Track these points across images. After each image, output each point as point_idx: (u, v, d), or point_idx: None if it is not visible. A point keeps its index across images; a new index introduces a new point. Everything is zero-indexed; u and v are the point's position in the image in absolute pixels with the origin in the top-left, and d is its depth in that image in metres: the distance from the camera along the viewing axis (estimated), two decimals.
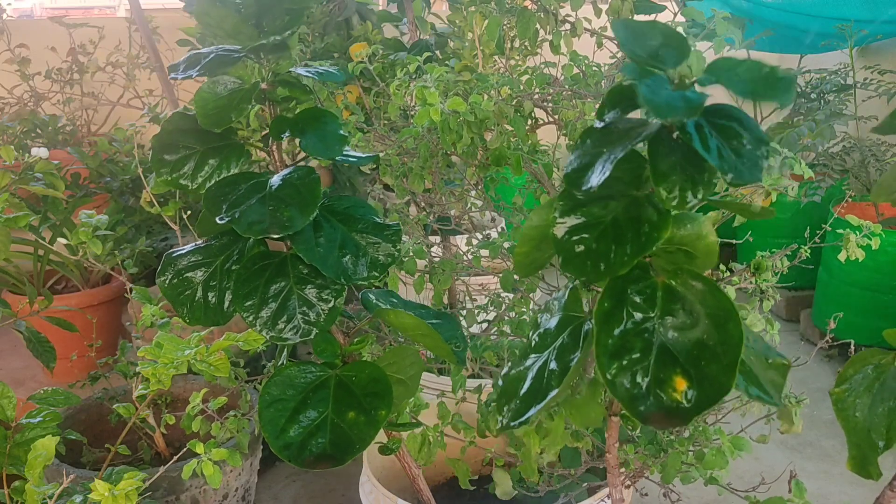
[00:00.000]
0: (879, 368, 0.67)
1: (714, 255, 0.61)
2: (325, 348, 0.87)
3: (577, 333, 0.64)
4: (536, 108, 1.54)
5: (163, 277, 0.85)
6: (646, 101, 0.50)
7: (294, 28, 0.81)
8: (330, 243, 0.82)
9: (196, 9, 0.79)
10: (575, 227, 0.58)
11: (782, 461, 1.94)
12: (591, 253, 0.56)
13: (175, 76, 0.83)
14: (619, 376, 0.54)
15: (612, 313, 0.57)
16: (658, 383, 0.54)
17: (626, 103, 0.57)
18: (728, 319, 0.55)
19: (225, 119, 0.82)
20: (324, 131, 0.84)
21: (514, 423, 0.62)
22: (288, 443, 0.79)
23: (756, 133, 0.53)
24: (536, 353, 0.66)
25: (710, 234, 0.60)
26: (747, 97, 0.51)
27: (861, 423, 0.67)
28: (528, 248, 0.67)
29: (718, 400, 0.53)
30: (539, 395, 0.62)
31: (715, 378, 0.53)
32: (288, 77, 0.86)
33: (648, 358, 0.55)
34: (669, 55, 0.55)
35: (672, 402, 0.53)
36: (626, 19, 0.60)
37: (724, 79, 0.53)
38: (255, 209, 0.79)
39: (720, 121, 0.53)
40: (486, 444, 1.30)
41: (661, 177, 0.53)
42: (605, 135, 0.56)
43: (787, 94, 0.51)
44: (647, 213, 0.56)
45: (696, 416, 0.53)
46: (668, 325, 0.56)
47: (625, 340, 0.56)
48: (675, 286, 0.57)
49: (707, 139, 0.51)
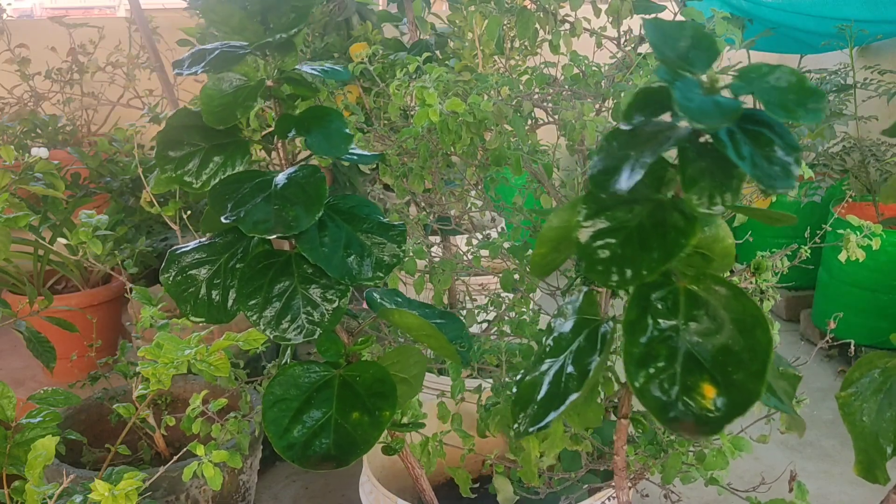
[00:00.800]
0: (886, 373, 0.67)
1: (731, 257, 0.60)
2: (329, 348, 0.87)
3: (593, 337, 0.63)
4: (536, 108, 1.54)
5: (167, 274, 0.85)
6: (680, 106, 0.49)
7: (300, 26, 0.80)
8: (335, 243, 0.82)
9: (202, 5, 0.79)
10: (599, 231, 0.56)
11: (782, 461, 1.94)
12: (616, 259, 0.55)
13: (179, 72, 0.83)
14: (648, 385, 0.53)
15: (637, 322, 0.56)
16: (686, 391, 0.53)
17: (653, 106, 0.56)
18: (756, 325, 0.54)
19: (230, 116, 0.82)
20: (329, 130, 0.84)
21: (532, 430, 0.61)
22: (291, 443, 0.79)
23: (788, 139, 0.52)
24: (552, 358, 0.64)
25: (728, 237, 0.60)
26: (778, 113, 0.50)
27: (868, 428, 0.66)
28: (546, 249, 0.65)
29: (748, 407, 0.52)
30: (557, 400, 0.61)
31: (743, 385, 0.52)
32: (294, 74, 0.86)
33: (674, 365, 0.54)
34: (699, 57, 0.54)
35: (701, 410, 0.52)
36: (656, 19, 0.59)
37: (755, 87, 0.52)
38: (261, 208, 0.79)
39: (752, 126, 0.52)
40: (487, 447, 1.30)
41: (691, 182, 0.52)
42: (633, 137, 0.55)
43: (818, 112, 0.50)
44: (673, 219, 0.55)
45: (726, 424, 0.52)
46: (693, 332, 0.55)
47: (650, 348, 0.55)
48: (698, 292, 0.56)
49: (740, 146, 0.50)
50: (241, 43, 0.83)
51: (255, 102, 0.82)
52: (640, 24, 1.44)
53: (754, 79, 0.53)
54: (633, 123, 0.56)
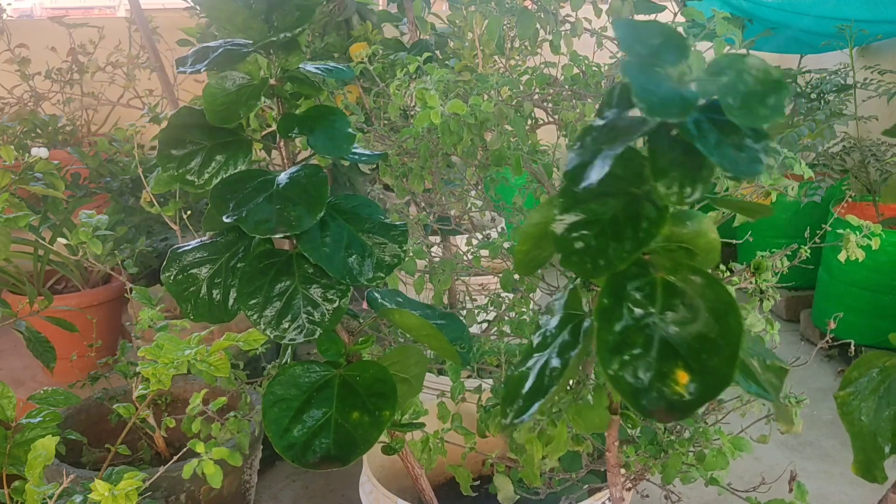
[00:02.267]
0: (885, 372, 0.67)
1: (715, 252, 0.61)
2: (330, 347, 0.87)
3: (576, 330, 0.65)
4: (536, 108, 1.54)
5: (168, 273, 0.85)
6: (639, 98, 0.50)
7: (304, 25, 0.80)
8: (336, 243, 0.82)
9: (207, 3, 0.79)
10: (574, 223, 0.58)
11: (782, 461, 1.94)
12: (590, 249, 0.56)
13: (183, 70, 0.82)
14: (621, 371, 0.55)
15: (612, 310, 0.57)
16: (660, 377, 0.54)
17: (626, 101, 0.57)
18: (728, 312, 0.55)
19: (233, 115, 0.82)
20: (332, 129, 0.84)
21: (517, 420, 0.62)
22: (292, 443, 0.79)
23: (756, 128, 0.53)
24: (538, 353, 0.66)
25: (711, 232, 0.60)
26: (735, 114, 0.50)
27: (867, 427, 0.67)
28: (528, 245, 0.67)
29: (720, 391, 0.53)
30: (541, 392, 0.62)
31: (716, 370, 0.53)
32: (297, 73, 0.86)
33: (650, 352, 0.55)
34: (669, 54, 0.55)
35: (674, 395, 0.53)
36: (627, 19, 0.60)
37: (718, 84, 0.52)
38: (262, 208, 0.79)
39: (720, 117, 0.53)
40: (487, 447, 1.30)
41: (660, 173, 0.53)
42: (605, 132, 0.56)
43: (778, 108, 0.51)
44: (646, 210, 0.56)
45: (697, 407, 0.53)
46: (669, 320, 0.56)
47: (625, 336, 0.56)
48: (675, 281, 0.57)
49: (706, 135, 0.51)
50: (245, 41, 0.83)
51: (258, 101, 0.82)
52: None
53: (720, 72, 0.53)
54: (605, 118, 0.57)
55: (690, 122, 0.52)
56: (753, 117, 0.50)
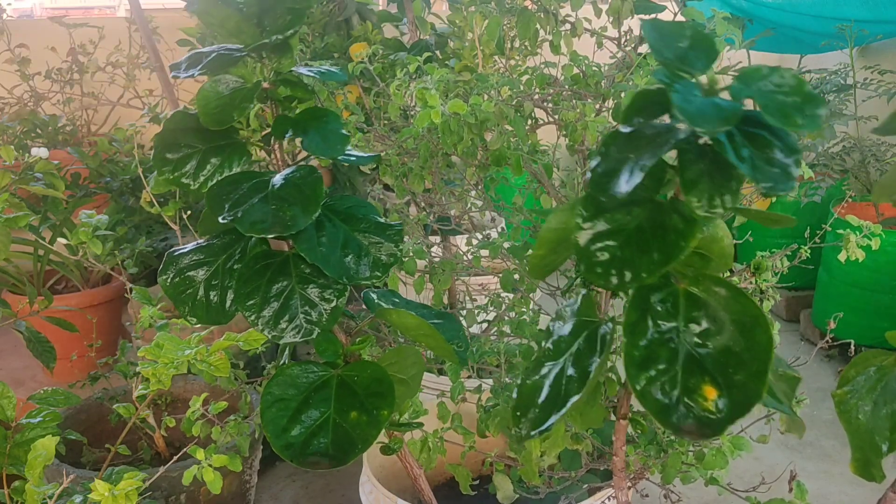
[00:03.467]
0: (882, 370, 0.67)
1: (729, 257, 0.60)
2: (327, 348, 0.87)
3: (592, 338, 0.63)
4: (536, 108, 1.54)
5: (164, 276, 0.85)
6: (679, 109, 0.48)
7: (296, 27, 0.80)
8: (332, 243, 0.82)
9: (198, 8, 0.79)
10: (599, 234, 0.56)
11: (782, 461, 1.94)
12: (615, 261, 0.55)
13: (177, 75, 0.83)
14: (649, 387, 0.53)
15: (637, 323, 0.56)
16: (687, 393, 0.53)
17: (652, 108, 0.56)
18: (755, 326, 0.54)
19: (227, 118, 0.82)
20: (326, 130, 0.84)
21: (535, 433, 0.61)
22: (290, 443, 0.79)
23: (787, 141, 0.52)
24: (552, 361, 0.64)
25: (726, 237, 0.60)
26: (776, 118, 0.50)
27: (864, 426, 0.66)
28: (544, 251, 0.65)
29: (750, 408, 0.52)
30: (559, 403, 0.61)
31: (744, 386, 0.52)
32: (290, 76, 0.86)
33: (675, 367, 0.54)
34: (698, 59, 0.54)
35: (703, 412, 0.52)
36: (655, 20, 0.59)
37: (754, 90, 0.51)
38: (258, 208, 0.79)
39: (751, 129, 0.52)
40: (487, 446, 1.30)
41: (690, 184, 0.52)
42: (632, 140, 0.55)
43: (816, 118, 0.50)
44: (673, 221, 0.55)
45: (728, 425, 0.52)
46: (693, 333, 0.55)
47: (651, 351, 0.55)
48: (697, 293, 0.56)
49: (739, 148, 0.50)
50: (238, 45, 0.84)
51: (251, 104, 0.82)
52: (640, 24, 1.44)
53: (754, 81, 0.52)
54: (632, 125, 0.56)
55: (723, 134, 0.51)
56: (791, 123, 0.49)
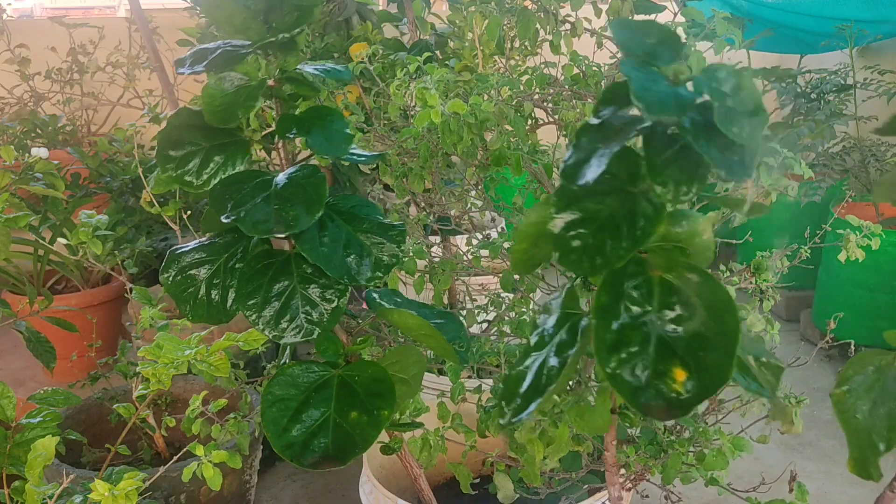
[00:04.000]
0: (880, 370, 0.67)
1: (709, 252, 0.61)
2: (328, 347, 0.87)
3: (574, 329, 0.65)
4: (536, 108, 1.54)
5: (166, 274, 0.85)
6: (637, 97, 0.50)
7: (303, 25, 0.80)
8: (334, 243, 0.82)
9: (205, 4, 0.79)
10: (571, 222, 0.58)
11: (782, 461, 1.94)
12: (587, 247, 0.56)
13: (182, 71, 0.82)
14: (619, 369, 0.55)
15: (609, 308, 0.57)
16: (658, 375, 0.54)
17: (621, 100, 0.57)
18: (725, 310, 0.55)
19: (232, 116, 0.82)
20: (330, 130, 0.84)
21: (515, 419, 0.62)
22: (290, 442, 0.79)
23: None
24: (536, 352, 0.66)
25: (706, 232, 0.61)
26: (719, 121, 0.51)
27: (862, 425, 0.67)
28: (525, 244, 0.67)
29: (717, 389, 0.53)
30: (539, 391, 0.62)
31: (713, 367, 0.54)
32: (295, 74, 0.86)
33: (647, 350, 0.55)
34: (665, 53, 0.56)
35: (672, 393, 0.54)
36: (624, 18, 0.60)
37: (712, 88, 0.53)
38: (261, 208, 0.79)
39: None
40: (487, 446, 1.30)
41: (656, 172, 0.53)
42: (601, 131, 0.57)
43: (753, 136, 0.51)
44: (642, 208, 0.56)
45: (696, 405, 0.54)
46: (666, 318, 0.56)
47: (623, 334, 0.56)
48: (671, 279, 0.58)
49: (701, 135, 0.52)
50: (243, 42, 0.83)
51: (256, 102, 0.82)
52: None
53: (716, 79, 0.54)
54: (601, 117, 0.57)
55: (687, 121, 0.52)
56: (728, 130, 0.51)
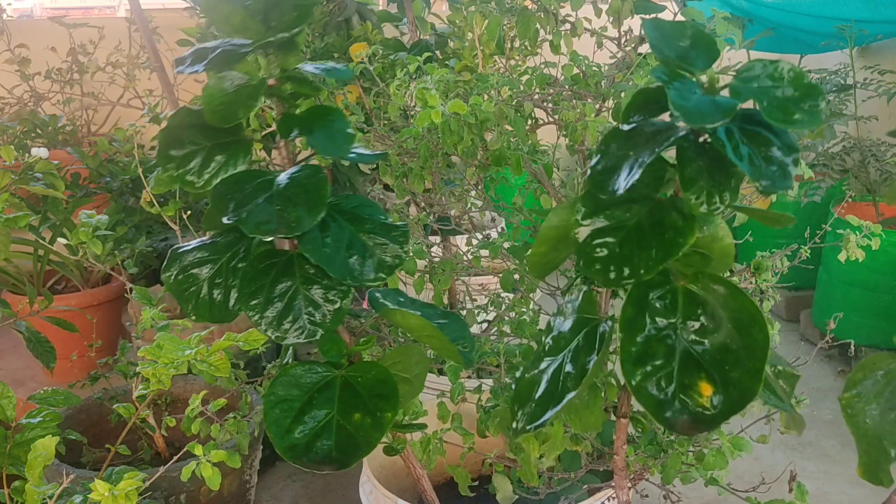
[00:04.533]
0: (889, 374, 0.67)
1: (730, 257, 0.60)
2: (331, 348, 0.86)
3: (592, 336, 0.63)
4: (536, 108, 1.54)
5: (168, 273, 0.85)
6: (676, 106, 0.49)
7: (302, 24, 0.80)
8: (337, 243, 0.81)
9: (204, 3, 0.79)
10: (598, 230, 0.56)
11: (782, 461, 1.94)
12: (614, 257, 0.55)
13: (181, 70, 0.82)
14: (644, 383, 0.53)
15: (634, 320, 0.56)
16: (683, 389, 0.53)
17: (652, 106, 0.56)
18: (752, 324, 0.54)
19: (232, 115, 0.81)
20: (332, 129, 0.84)
21: (530, 427, 0.61)
22: (293, 444, 0.79)
23: (786, 140, 0.52)
24: (551, 357, 0.65)
25: (727, 237, 0.60)
26: (775, 116, 0.49)
27: (872, 430, 0.66)
28: (545, 248, 0.65)
29: (745, 405, 0.52)
30: (555, 399, 0.61)
31: (740, 383, 0.52)
32: (296, 73, 0.86)
33: (672, 364, 0.54)
34: (699, 58, 0.54)
35: (698, 408, 0.52)
36: (656, 19, 0.59)
37: (753, 88, 0.51)
38: (263, 208, 0.78)
39: (750, 127, 0.52)
40: (487, 446, 1.30)
41: (689, 182, 0.52)
42: (631, 137, 0.55)
43: (815, 112, 0.50)
44: (672, 218, 0.55)
45: (722, 421, 0.52)
46: (690, 330, 0.55)
47: (648, 347, 0.55)
48: (696, 290, 0.56)
49: (738, 146, 0.50)
50: (243, 41, 0.83)
51: (256, 101, 0.82)
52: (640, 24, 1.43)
53: (753, 78, 0.52)
54: (632, 124, 0.56)
55: (722, 132, 0.51)
56: (791, 121, 0.49)
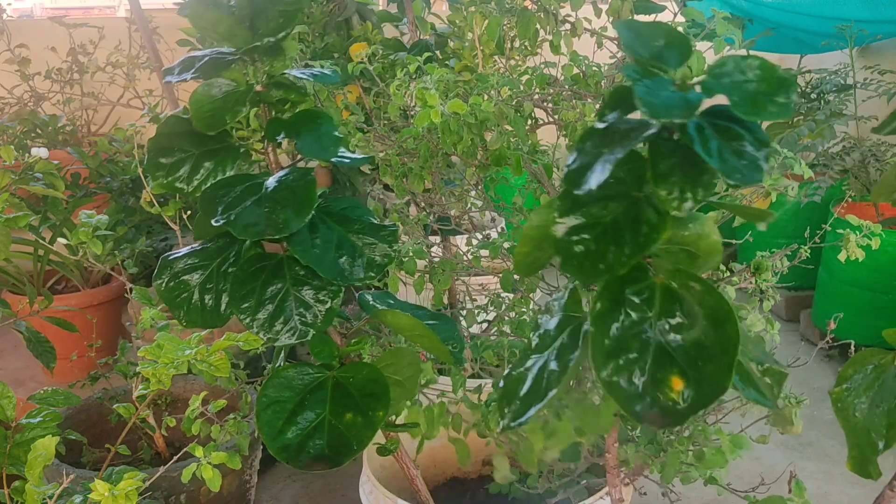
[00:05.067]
0: (879, 368, 0.67)
1: (717, 254, 0.60)
2: (322, 349, 0.87)
3: (576, 333, 0.64)
4: (536, 108, 1.54)
5: (159, 280, 0.85)
6: (641, 101, 0.50)
7: (288, 29, 0.80)
8: (326, 244, 0.82)
9: (190, 12, 0.79)
10: (574, 227, 0.57)
11: (782, 461, 1.94)
12: (590, 253, 0.56)
13: (170, 79, 0.83)
14: (615, 375, 0.54)
15: (608, 313, 0.56)
16: (655, 383, 0.54)
17: (627, 104, 0.57)
18: (726, 320, 0.55)
19: (219, 121, 0.82)
20: (319, 132, 0.84)
21: (514, 424, 0.62)
22: (285, 444, 0.79)
23: (757, 134, 0.52)
24: (537, 354, 0.65)
25: (713, 234, 0.60)
26: (746, 110, 0.50)
27: (861, 423, 0.67)
28: (528, 247, 0.67)
29: (714, 400, 0.53)
30: (539, 396, 0.62)
31: (712, 378, 0.53)
32: (282, 79, 0.86)
33: (645, 358, 0.55)
34: (672, 56, 0.55)
35: (668, 402, 0.53)
36: (628, 20, 0.60)
37: (724, 83, 0.52)
38: (251, 211, 0.79)
39: (721, 122, 0.53)
40: (486, 446, 1.30)
41: (661, 178, 0.53)
42: (606, 135, 0.56)
43: (786, 106, 0.51)
44: (647, 214, 0.56)
45: (691, 415, 0.53)
46: (666, 326, 0.56)
47: (621, 341, 0.55)
48: (674, 287, 0.57)
49: (708, 141, 0.51)
50: (230, 49, 0.84)
51: (243, 107, 0.82)
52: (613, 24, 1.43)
53: (724, 74, 0.53)
54: (606, 121, 0.57)
55: (692, 127, 0.52)
56: (762, 113, 0.50)
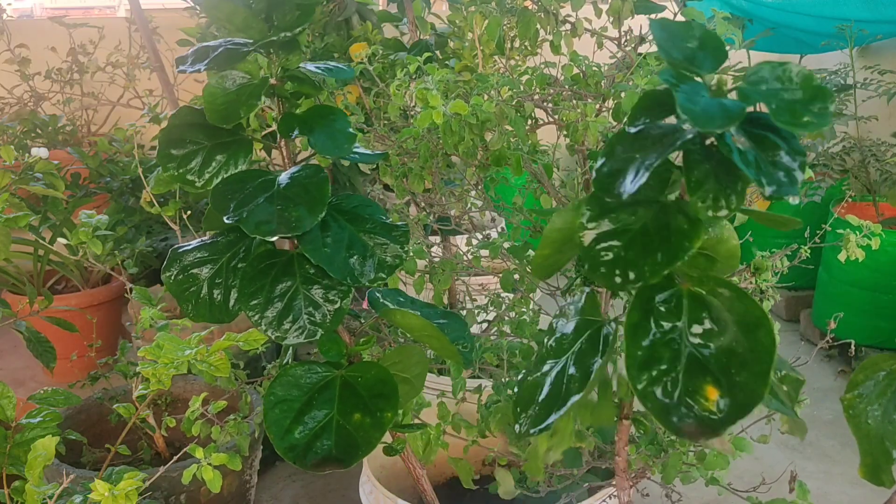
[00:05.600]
0: (891, 375, 0.66)
1: (735, 258, 0.60)
2: (331, 348, 0.86)
3: (595, 338, 0.63)
4: (536, 108, 1.54)
5: (168, 273, 0.84)
6: (684, 109, 0.48)
7: (304, 24, 0.80)
8: (337, 243, 0.81)
9: (206, 3, 0.78)
10: (603, 234, 0.56)
11: (782, 461, 1.94)
12: (619, 261, 0.54)
13: (183, 69, 0.82)
14: (650, 387, 0.53)
15: (639, 324, 0.55)
16: (689, 393, 0.52)
17: (659, 109, 0.55)
18: (758, 326, 0.54)
19: (234, 114, 0.81)
20: (333, 129, 0.84)
21: (534, 431, 0.61)
22: (293, 444, 0.79)
23: (793, 144, 0.51)
24: (553, 359, 0.64)
25: (732, 238, 0.59)
26: (784, 118, 0.49)
27: (874, 431, 0.66)
28: (549, 250, 0.65)
29: (751, 409, 0.51)
30: (559, 402, 0.61)
31: (746, 386, 0.52)
32: (298, 73, 0.86)
33: (677, 368, 0.53)
34: (706, 59, 0.54)
35: (704, 412, 0.52)
36: (663, 19, 0.58)
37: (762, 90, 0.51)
38: (263, 208, 0.78)
39: (757, 130, 0.52)
40: (488, 444, 1.30)
41: (696, 185, 0.52)
42: (638, 140, 0.55)
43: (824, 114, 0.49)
44: (677, 222, 0.54)
45: (729, 425, 0.52)
46: (696, 334, 0.55)
47: (653, 351, 0.54)
48: (702, 293, 0.56)
49: (745, 150, 0.50)
50: (245, 40, 0.83)
51: (258, 100, 0.81)
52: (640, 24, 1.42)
53: (761, 80, 0.52)
54: (638, 126, 0.55)
55: (728, 136, 0.51)
56: (799, 123, 0.49)
